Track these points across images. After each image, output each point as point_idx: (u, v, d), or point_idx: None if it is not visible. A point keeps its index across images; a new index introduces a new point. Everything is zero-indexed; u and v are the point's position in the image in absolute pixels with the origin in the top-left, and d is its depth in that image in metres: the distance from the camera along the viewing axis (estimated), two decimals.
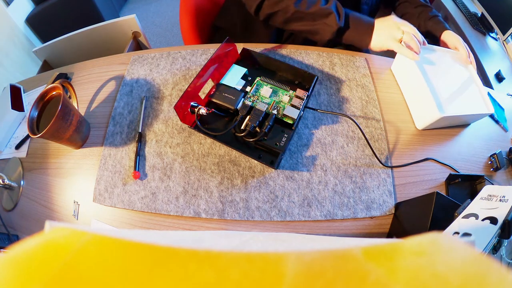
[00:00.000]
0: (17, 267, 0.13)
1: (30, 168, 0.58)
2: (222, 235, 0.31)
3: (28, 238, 0.14)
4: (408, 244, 0.16)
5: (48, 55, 1.06)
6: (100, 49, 1.05)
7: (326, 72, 0.67)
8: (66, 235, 0.15)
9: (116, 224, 0.51)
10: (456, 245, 0.15)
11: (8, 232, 0.53)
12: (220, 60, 0.58)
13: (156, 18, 2.01)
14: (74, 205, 0.53)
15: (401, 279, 0.13)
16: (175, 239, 0.24)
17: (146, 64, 0.68)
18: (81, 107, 0.63)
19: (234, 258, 0.15)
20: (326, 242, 0.29)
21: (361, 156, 0.56)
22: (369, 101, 0.63)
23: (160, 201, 0.51)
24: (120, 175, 0.54)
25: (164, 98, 0.63)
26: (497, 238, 0.32)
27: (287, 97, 0.56)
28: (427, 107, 0.56)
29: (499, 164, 0.56)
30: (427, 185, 0.55)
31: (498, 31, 1.13)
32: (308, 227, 0.50)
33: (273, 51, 0.70)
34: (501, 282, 0.12)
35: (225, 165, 0.54)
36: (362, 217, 0.51)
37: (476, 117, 0.61)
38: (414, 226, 0.45)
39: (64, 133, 0.52)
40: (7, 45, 1.35)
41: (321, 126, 0.59)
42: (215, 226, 0.50)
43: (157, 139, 0.57)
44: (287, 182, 0.53)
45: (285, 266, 0.14)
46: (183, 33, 0.87)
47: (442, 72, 0.62)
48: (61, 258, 0.13)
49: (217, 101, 0.55)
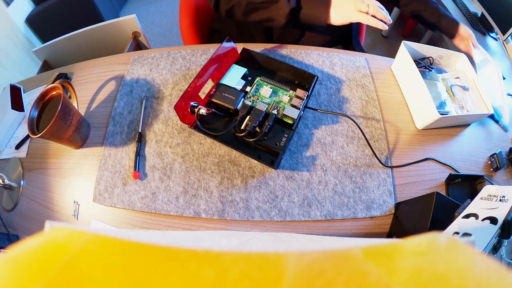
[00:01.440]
0: (17, 267, 0.13)
1: (30, 168, 0.58)
2: (222, 235, 0.31)
3: (28, 238, 0.14)
4: (408, 244, 0.16)
5: (48, 55, 1.06)
6: (100, 49, 1.05)
7: (326, 72, 0.67)
8: (66, 235, 0.15)
9: (116, 224, 0.51)
10: (456, 245, 0.15)
11: (8, 232, 0.53)
12: (220, 60, 0.58)
13: (156, 18, 2.01)
14: (74, 205, 0.53)
15: (401, 279, 0.13)
16: (175, 239, 0.24)
17: (146, 64, 0.68)
18: (81, 107, 0.63)
19: (234, 258, 0.15)
20: (326, 242, 0.29)
21: (361, 156, 0.56)
22: (369, 101, 0.63)
23: (160, 201, 0.51)
24: (120, 175, 0.54)
25: (164, 98, 0.63)
26: (497, 238, 0.32)
27: (287, 97, 0.56)
28: (427, 107, 0.56)
29: (499, 164, 0.56)
30: (427, 185, 0.55)
31: (498, 31, 1.13)
32: (308, 227, 0.50)
33: (273, 51, 0.70)
34: (501, 282, 0.12)
35: (225, 165, 0.54)
36: (362, 217, 0.51)
37: (476, 117, 0.61)
38: (414, 226, 0.45)
39: (64, 133, 0.52)
40: (7, 45, 1.35)
41: (321, 126, 0.59)
42: (215, 226, 0.50)
43: (157, 139, 0.57)
44: (287, 182, 0.53)
45: (285, 266, 0.14)
46: (182, 33, 0.87)
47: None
48: (61, 258, 0.13)
49: (217, 101, 0.55)
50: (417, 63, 0.64)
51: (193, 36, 0.86)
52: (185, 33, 0.86)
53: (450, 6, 1.29)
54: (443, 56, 0.67)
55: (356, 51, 0.78)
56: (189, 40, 0.86)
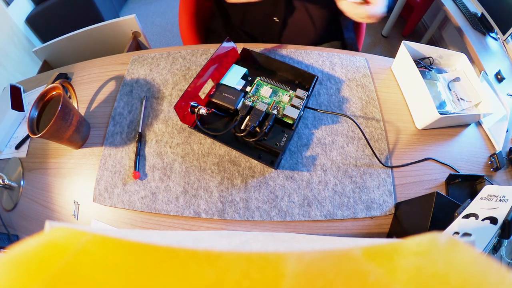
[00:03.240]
0: (17, 267, 0.13)
1: (30, 168, 0.58)
2: (222, 235, 0.31)
3: (28, 238, 0.14)
4: (408, 244, 0.16)
5: (48, 55, 1.06)
6: (100, 49, 1.05)
7: (326, 72, 0.67)
8: (66, 235, 0.15)
9: (116, 224, 0.51)
10: (456, 245, 0.15)
11: (8, 232, 0.53)
12: (220, 60, 0.58)
13: (156, 18, 2.01)
14: (74, 205, 0.53)
15: (401, 279, 0.13)
16: (175, 239, 0.24)
17: (146, 64, 0.68)
18: (81, 107, 0.63)
19: (234, 258, 0.15)
20: (326, 242, 0.29)
21: (361, 156, 0.56)
22: (369, 101, 0.63)
23: (160, 201, 0.51)
24: (120, 175, 0.54)
25: (164, 98, 0.63)
26: (497, 238, 0.32)
27: (287, 97, 0.56)
28: (427, 107, 0.56)
29: (499, 164, 0.56)
30: (427, 185, 0.55)
31: (498, 31, 1.13)
32: (308, 227, 0.50)
33: (273, 51, 0.70)
34: (501, 282, 0.12)
35: (225, 165, 0.54)
36: (362, 217, 0.51)
37: (476, 117, 0.61)
38: (414, 226, 0.45)
39: (64, 133, 0.52)
40: (7, 45, 1.35)
41: (321, 126, 0.59)
42: (215, 226, 0.50)
43: (157, 139, 0.57)
44: (287, 182, 0.53)
45: (285, 266, 0.14)
46: (181, 32, 0.87)
47: None
48: (61, 258, 0.13)
49: (217, 101, 0.55)
50: (417, 63, 0.64)
51: (192, 36, 0.86)
52: (184, 32, 0.86)
53: (450, 6, 1.29)
54: (443, 56, 0.67)
55: (353, 49, 0.78)
56: (188, 40, 0.86)
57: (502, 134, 0.61)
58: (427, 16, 1.84)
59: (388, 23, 1.83)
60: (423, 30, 1.88)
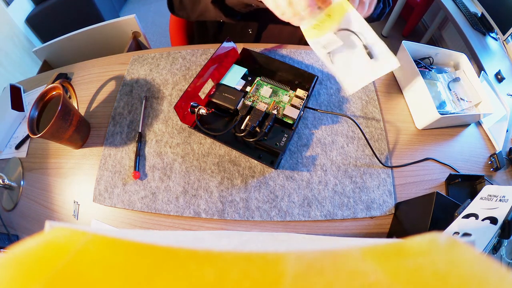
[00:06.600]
0: (17, 267, 0.13)
1: (30, 168, 0.58)
2: (222, 235, 0.31)
3: (28, 238, 0.14)
4: (408, 244, 0.16)
5: (48, 55, 1.06)
6: (100, 49, 1.05)
7: (326, 72, 0.67)
8: (66, 235, 0.15)
9: (116, 224, 0.51)
10: (456, 245, 0.15)
11: (8, 232, 0.53)
12: (220, 60, 0.58)
13: (156, 18, 2.01)
14: (74, 205, 0.53)
15: (401, 279, 0.13)
16: (175, 239, 0.24)
17: (146, 64, 0.68)
18: (81, 107, 0.63)
19: (234, 258, 0.15)
20: (326, 242, 0.29)
21: (361, 156, 0.56)
22: (369, 101, 0.63)
23: (160, 201, 0.51)
24: (120, 175, 0.54)
25: (164, 98, 0.63)
26: (497, 238, 0.32)
27: (287, 97, 0.56)
28: (427, 107, 0.56)
29: (499, 164, 0.56)
30: (427, 185, 0.55)
31: (498, 31, 1.13)
32: (308, 227, 0.50)
33: (273, 51, 0.70)
34: (501, 282, 0.12)
35: (225, 165, 0.54)
36: (362, 217, 0.51)
37: (476, 117, 0.61)
38: (414, 226, 0.45)
39: (64, 133, 0.52)
40: (7, 45, 1.35)
41: (321, 126, 0.59)
42: (215, 226, 0.50)
43: (157, 139, 0.57)
44: (287, 182, 0.53)
45: (285, 266, 0.14)
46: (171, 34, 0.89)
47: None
48: (62, 258, 0.13)
49: (217, 101, 0.55)
50: (417, 63, 0.64)
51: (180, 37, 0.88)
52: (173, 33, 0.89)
53: (450, 6, 1.29)
54: (443, 56, 0.67)
55: None
56: (176, 41, 0.89)
57: (502, 134, 0.61)
58: (427, 16, 1.84)
59: (388, 23, 1.83)
60: (423, 30, 1.88)
